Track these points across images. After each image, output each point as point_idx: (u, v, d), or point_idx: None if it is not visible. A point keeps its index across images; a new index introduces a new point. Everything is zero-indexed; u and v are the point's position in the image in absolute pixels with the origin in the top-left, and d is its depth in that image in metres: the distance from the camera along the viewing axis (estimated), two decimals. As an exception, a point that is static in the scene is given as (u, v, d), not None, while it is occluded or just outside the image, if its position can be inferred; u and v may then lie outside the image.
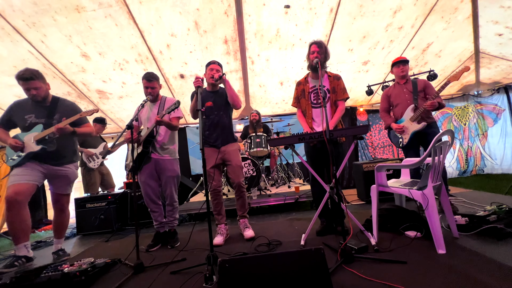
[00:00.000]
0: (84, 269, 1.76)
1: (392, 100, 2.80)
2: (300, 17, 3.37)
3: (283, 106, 5.07)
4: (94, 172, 3.81)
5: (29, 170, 2.15)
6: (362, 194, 3.46)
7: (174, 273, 1.75)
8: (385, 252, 1.73)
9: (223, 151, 2.43)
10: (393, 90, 2.81)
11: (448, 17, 3.52)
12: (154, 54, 3.63)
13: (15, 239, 2.08)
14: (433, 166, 1.74)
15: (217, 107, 2.43)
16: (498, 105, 4.95)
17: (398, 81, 2.79)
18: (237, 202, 2.54)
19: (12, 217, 2.05)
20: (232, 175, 2.45)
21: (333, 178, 1.83)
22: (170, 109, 2.23)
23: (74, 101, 4.09)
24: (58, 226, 2.40)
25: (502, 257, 1.51)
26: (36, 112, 2.24)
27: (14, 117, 2.24)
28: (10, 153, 2.18)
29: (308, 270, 1.22)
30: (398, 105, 2.73)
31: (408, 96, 2.67)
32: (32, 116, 2.22)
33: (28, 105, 2.24)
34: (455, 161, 5.19)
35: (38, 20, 2.93)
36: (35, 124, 2.21)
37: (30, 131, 2.19)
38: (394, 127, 2.71)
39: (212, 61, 2.43)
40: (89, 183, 3.78)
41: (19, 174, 2.12)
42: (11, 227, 2.07)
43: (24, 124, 2.21)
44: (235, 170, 2.44)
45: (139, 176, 2.41)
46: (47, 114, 2.25)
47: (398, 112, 2.73)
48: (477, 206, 2.59)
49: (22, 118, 2.22)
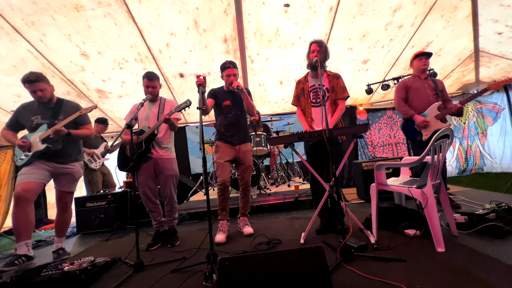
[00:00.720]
0: (84, 268, 1.77)
1: (411, 92, 2.72)
2: (299, 16, 3.36)
3: (282, 105, 5.07)
4: (96, 172, 3.81)
5: (37, 169, 2.23)
6: (362, 192, 3.46)
7: (174, 272, 1.76)
8: (384, 251, 1.74)
9: (238, 149, 2.51)
10: (414, 83, 2.73)
11: (448, 16, 3.51)
12: (153, 53, 3.62)
13: (17, 236, 2.12)
14: (432, 164, 1.74)
15: (235, 107, 2.51)
16: (497, 103, 4.95)
17: (419, 74, 2.73)
18: (241, 200, 2.58)
19: (18, 213, 2.12)
20: (243, 174, 2.54)
21: (333, 177, 1.83)
22: (180, 107, 2.22)
23: (74, 100, 4.09)
24: (60, 224, 2.44)
25: (501, 255, 1.52)
26: (42, 113, 2.33)
27: (21, 119, 2.33)
28: (19, 153, 2.27)
29: (308, 269, 1.22)
30: (419, 99, 2.66)
31: (431, 93, 2.63)
32: (38, 117, 2.32)
33: (34, 107, 2.34)
34: (454, 159, 5.20)
35: (37, 19, 2.92)
36: (40, 124, 2.30)
37: (36, 131, 2.28)
38: (419, 120, 2.59)
39: (228, 64, 2.42)
40: (92, 182, 3.79)
41: (27, 173, 2.20)
42: (15, 223, 2.13)
43: (31, 125, 2.31)
44: (247, 170, 2.53)
45: (138, 176, 2.41)
46: (52, 114, 2.34)
47: (419, 106, 2.65)
48: (477, 205, 2.59)
49: (29, 120, 2.31)
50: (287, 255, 1.26)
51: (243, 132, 2.55)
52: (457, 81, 4.79)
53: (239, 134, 2.51)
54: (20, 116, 2.33)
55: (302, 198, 3.31)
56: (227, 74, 2.41)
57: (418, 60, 2.69)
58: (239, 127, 2.52)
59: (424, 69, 2.68)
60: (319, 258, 1.24)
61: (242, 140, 2.52)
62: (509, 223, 1.83)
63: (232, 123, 2.49)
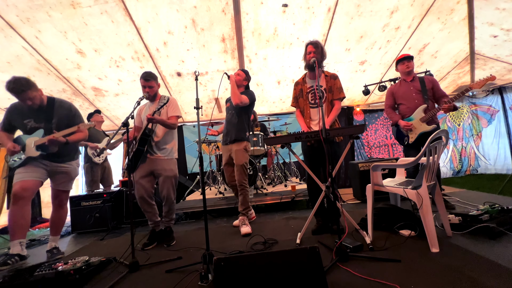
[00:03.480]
0: (79, 268, 1.75)
1: (398, 97, 2.77)
2: (297, 16, 3.36)
3: (280, 105, 5.08)
4: (97, 168, 3.77)
5: (34, 167, 2.22)
6: (358, 193, 3.48)
7: (169, 272, 1.75)
8: (379, 251, 1.75)
9: (230, 149, 2.64)
10: (399, 88, 2.78)
11: (445, 18, 3.54)
12: (150, 52, 3.60)
13: (12, 234, 2.11)
14: (427, 165, 1.75)
15: (232, 106, 2.63)
16: (492, 106, 5.01)
17: (405, 78, 2.76)
18: (238, 200, 2.66)
19: (15, 212, 2.12)
20: (235, 173, 2.60)
21: (329, 177, 1.84)
22: (159, 105, 2.28)
23: (69, 98, 4.07)
24: (56, 223, 2.43)
25: (494, 256, 1.54)
26: (34, 116, 2.25)
27: (13, 122, 2.28)
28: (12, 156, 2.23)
29: (304, 269, 1.23)
30: (405, 103, 2.70)
31: (416, 95, 2.64)
32: (31, 120, 2.25)
33: (25, 110, 2.24)
34: (448, 161, 5.25)
35: (32, 16, 2.88)
36: (35, 128, 2.25)
37: (32, 135, 2.25)
38: (402, 124, 2.66)
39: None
40: (92, 180, 3.74)
41: (24, 172, 2.19)
42: (11, 221, 2.12)
43: (25, 128, 2.26)
44: (237, 169, 2.57)
45: (134, 175, 2.39)
46: (45, 118, 2.27)
47: (405, 110, 2.70)
48: (471, 206, 2.62)
49: (21, 123, 2.25)
50: (283, 255, 1.26)
51: (233, 131, 2.60)
52: (453, 83, 4.84)
53: (230, 134, 2.61)
54: (11, 118, 2.26)
55: (299, 198, 3.32)
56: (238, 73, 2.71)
57: (401, 65, 2.74)
58: (231, 125, 2.62)
59: (408, 71, 2.71)
60: (315, 258, 1.24)
61: (232, 140, 2.60)
62: (502, 224, 1.85)
63: (227, 122, 2.66)
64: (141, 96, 2.25)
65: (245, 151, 2.61)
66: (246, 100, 2.57)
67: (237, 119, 2.62)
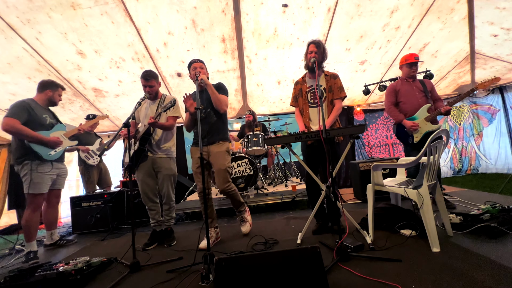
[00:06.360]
0: (80, 268, 1.75)
1: (400, 96, 2.77)
2: (297, 16, 3.36)
3: (280, 105, 5.07)
4: (93, 170, 3.78)
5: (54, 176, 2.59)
6: (359, 193, 3.48)
7: (170, 272, 1.75)
8: (380, 251, 1.75)
9: (206, 151, 2.25)
10: (402, 86, 2.78)
11: (445, 18, 3.54)
12: (151, 52, 3.60)
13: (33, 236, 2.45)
14: (428, 165, 1.75)
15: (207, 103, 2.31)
16: (493, 105, 5.00)
17: (407, 78, 2.78)
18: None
19: (46, 215, 2.75)
20: (215, 179, 2.30)
21: (330, 177, 1.84)
22: (165, 107, 2.22)
23: (70, 99, 4.10)
24: (52, 219, 2.81)
25: (495, 255, 1.53)
26: (47, 113, 2.59)
27: (35, 116, 2.45)
28: (42, 150, 2.42)
29: (304, 269, 1.22)
30: (407, 101, 2.71)
31: (419, 95, 2.66)
32: (47, 116, 2.56)
33: (38, 106, 2.53)
34: (449, 160, 5.25)
35: (32, 17, 2.88)
36: (53, 123, 2.58)
37: (53, 130, 2.55)
38: (409, 124, 2.64)
39: (193, 60, 2.37)
40: (89, 181, 3.76)
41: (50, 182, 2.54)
42: (46, 221, 2.78)
43: (45, 122, 2.51)
44: (220, 174, 2.25)
45: (137, 174, 2.40)
46: (53, 115, 2.68)
47: (407, 109, 2.70)
48: (472, 205, 2.62)
49: (41, 117, 2.50)
50: (284, 255, 1.27)
51: (212, 131, 2.28)
52: (453, 83, 4.83)
53: (208, 135, 2.26)
54: (32, 113, 2.43)
55: (299, 198, 3.32)
56: (193, 67, 2.31)
57: (409, 68, 2.74)
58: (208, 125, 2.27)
59: (413, 75, 2.74)
60: (316, 258, 1.24)
61: (211, 141, 2.27)
62: (503, 223, 1.85)
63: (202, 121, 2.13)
64: (142, 97, 2.24)
65: (227, 153, 2.32)
66: (227, 100, 2.37)
67: (216, 117, 2.32)
